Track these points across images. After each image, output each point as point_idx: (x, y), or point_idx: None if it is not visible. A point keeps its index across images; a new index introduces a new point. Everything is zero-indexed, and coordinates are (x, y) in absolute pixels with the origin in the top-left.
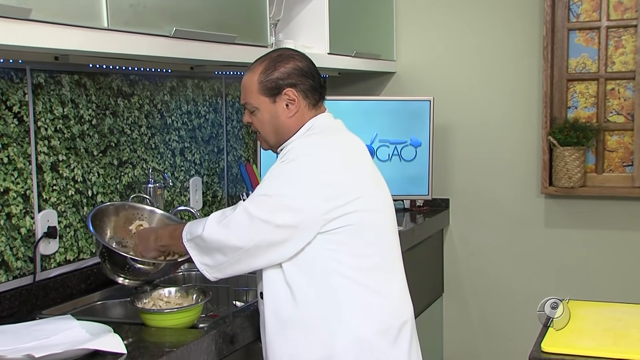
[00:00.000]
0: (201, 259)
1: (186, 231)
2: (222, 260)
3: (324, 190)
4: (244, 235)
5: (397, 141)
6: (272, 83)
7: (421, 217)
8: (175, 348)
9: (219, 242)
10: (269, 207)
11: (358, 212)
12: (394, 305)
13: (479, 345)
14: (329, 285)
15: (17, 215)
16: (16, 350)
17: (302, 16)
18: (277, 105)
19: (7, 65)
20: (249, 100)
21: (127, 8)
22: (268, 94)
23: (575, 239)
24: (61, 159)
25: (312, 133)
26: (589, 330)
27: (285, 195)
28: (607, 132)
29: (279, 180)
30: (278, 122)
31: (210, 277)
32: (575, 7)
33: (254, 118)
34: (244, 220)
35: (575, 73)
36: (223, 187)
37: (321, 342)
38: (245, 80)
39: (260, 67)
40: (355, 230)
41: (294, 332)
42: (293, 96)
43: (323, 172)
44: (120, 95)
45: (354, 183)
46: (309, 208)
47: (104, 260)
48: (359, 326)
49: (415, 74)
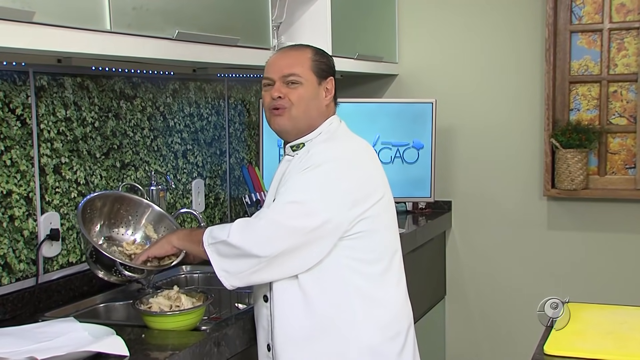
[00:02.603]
0: (221, 264)
1: (207, 235)
2: (243, 268)
3: (350, 195)
4: (270, 243)
5: (400, 143)
6: (325, 65)
7: (423, 219)
8: (178, 350)
9: (243, 249)
10: (298, 214)
11: (375, 216)
12: (400, 310)
13: (481, 348)
14: (342, 292)
15: (20, 218)
16: (19, 352)
17: (304, 18)
18: (321, 88)
19: (10, 68)
20: (297, 72)
21: (129, 11)
22: (318, 75)
23: (578, 242)
24: (64, 162)
25: (328, 138)
26: (592, 333)
27: (313, 201)
28: (610, 134)
29: (306, 187)
30: (316, 103)
31: (228, 284)
32: (577, 10)
33: (292, 92)
34: (271, 228)
35: (577, 75)
36: (225, 190)
37: (334, 351)
38: (295, 55)
39: (310, 50)
40: (372, 234)
41: (306, 341)
42: (331, 86)
43: (349, 177)
44: (123, 98)
45: (373, 187)
46: (337, 214)
47: (91, 258)
48: (370, 334)
49: (418, 76)
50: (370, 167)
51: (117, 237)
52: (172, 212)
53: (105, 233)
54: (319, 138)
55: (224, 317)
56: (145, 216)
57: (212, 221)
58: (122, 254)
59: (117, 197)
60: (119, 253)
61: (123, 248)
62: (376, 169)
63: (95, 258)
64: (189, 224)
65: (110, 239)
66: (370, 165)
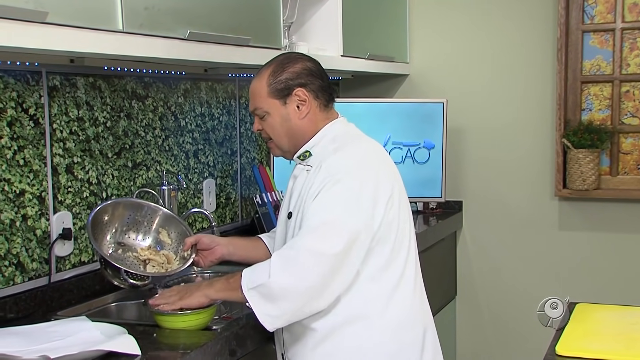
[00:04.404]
0: (264, 308)
1: (247, 279)
2: (287, 309)
3: (375, 208)
4: (311, 274)
5: (411, 143)
6: (282, 84)
7: (434, 219)
8: (189, 350)
9: (287, 289)
10: (331, 235)
11: (395, 219)
12: (416, 313)
13: (492, 348)
14: (356, 297)
15: (33, 217)
16: (32, 351)
17: (315, 18)
18: (288, 107)
19: (24, 68)
20: (258, 105)
21: (141, 11)
22: (278, 96)
23: (590, 242)
24: (76, 161)
25: (340, 145)
26: (603, 334)
27: (341, 218)
28: (622, 134)
29: (332, 205)
30: (290, 125)
31: (270, 327)
32: (589, 9)
33: (265, 124)
34: (308, 257)
35: (589, 75)
36: (236, 190)
37: (349, 357)
38: (253, 86)
39: (268, 71)
40: (391, 238)
41: (322, 348)
42: (304, 96)
43: (370, 188)
44: (135, 98)
45: (392, 193)
46: (365, 224)
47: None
48: (387, 339)
49: (429, 76)
50: (388, 171)
51: (130, 242)
52: (184, 211)
53: (119, 239)
54: (326, 143)
55: (235, 317)
56: (156, 220)
57: (223, 221)
58: (136, 259)
59: (128, 203)
60: (133, 258)
61: (138, 253)
62: (392, 171)
63: (105, 265)
64: (200, 223)
65: (123, 245)
66: (387, 169)
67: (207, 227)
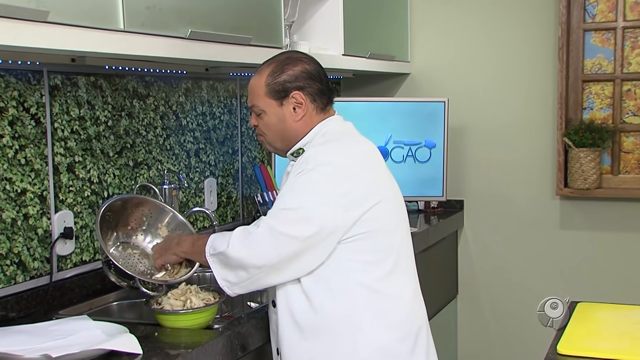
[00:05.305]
0: (223, 274)
1: (210, 245)
2: (244, 277)
3: (345, 199)
4: (267, 253)
5: (412, 142)
6: (280, 86)
7: (435, 218)
8: (190, 349)
9: (242, 260)
10: (292, 221)
11: (376, 218)
12: (410, 310)
13: (493, 347)
14: (348, 294)
15: (34, 216)
16: (33, 350)
17: (316, 17)
18: (284, 108)
19: (25, 67)
20: (255, 103)
21: (143, 10)
22: (275, 97)
23: (591, 241)
24: (77, 160)
25: (327, 140)
26: (606, 333)
27: (306, 207)
28: (623, 133)
29: (299, 192)
30: (285, 126)
31: (230, 293)
32: (591, 8)
33: (260, 121)
34: (268, 237)
35: (590, 74)
36: (237, 188)
37: (343, 353)
38: (252, 83)
39: (268, 70)
40: (372, 236)
41: (314, 344)
42: (301, 99)
43: (343, 180)
44: (136, 97)
45: (372, 190)
46: (331, 218)
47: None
48: (379, 335)
49: (430, 75)
50: (370, 168)
51: (133, 241)
52: (185, 210)
53: (122, 238)
54: (317, 140)
55: (236, 316)
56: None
57: (225, 220)
58: (141, 256)
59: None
60: (139, 255)
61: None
62: (375, 171)
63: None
64: (201, 222)
65: (125, 244)
66: (370, 166)
67: (208, 227)
